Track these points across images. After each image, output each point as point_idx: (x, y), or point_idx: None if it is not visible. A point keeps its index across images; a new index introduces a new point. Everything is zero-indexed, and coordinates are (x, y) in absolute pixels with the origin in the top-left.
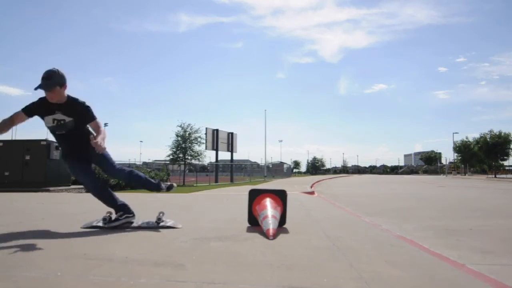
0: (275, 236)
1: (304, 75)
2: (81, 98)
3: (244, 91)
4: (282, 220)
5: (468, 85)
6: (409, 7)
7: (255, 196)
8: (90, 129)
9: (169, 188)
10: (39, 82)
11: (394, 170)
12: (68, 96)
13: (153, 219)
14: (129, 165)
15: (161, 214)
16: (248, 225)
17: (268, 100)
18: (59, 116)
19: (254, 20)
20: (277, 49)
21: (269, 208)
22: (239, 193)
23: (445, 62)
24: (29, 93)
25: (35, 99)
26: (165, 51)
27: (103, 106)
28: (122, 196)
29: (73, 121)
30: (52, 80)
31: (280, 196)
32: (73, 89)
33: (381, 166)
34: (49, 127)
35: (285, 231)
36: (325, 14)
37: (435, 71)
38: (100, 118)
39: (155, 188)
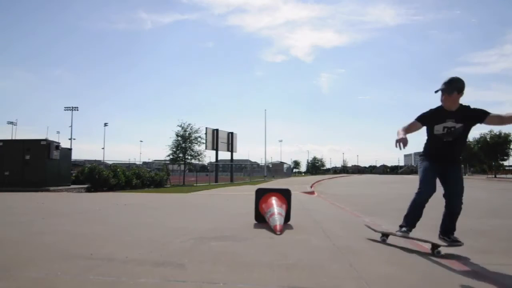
0: (282, 231)
1: (282, 73)
2: (71, 99)
3: (229, 90)
4: (287, 217)
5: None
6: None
7: (261, 195)
8: (496, 118)
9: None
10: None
11: (394, 170)
12: (461, 104)
13: (154, 217)
14: (129, 165)
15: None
16: (248, 224)
17: (257, 98)
18: (449, 123)
19: (218, 19)
20: (248, 49)
21: (275, 206)
22: (239, 193)
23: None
24: None
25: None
26: (132, 49)
27: (101, 107)
28: (123, 196)
29: (462, 127)
30: (452, 85)
31: (285, 195)
32: (60, 87)
33: (381, 166)
34: (437, 135)
35: (286, 230)
36: (290, 10)
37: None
38: (99, 118)
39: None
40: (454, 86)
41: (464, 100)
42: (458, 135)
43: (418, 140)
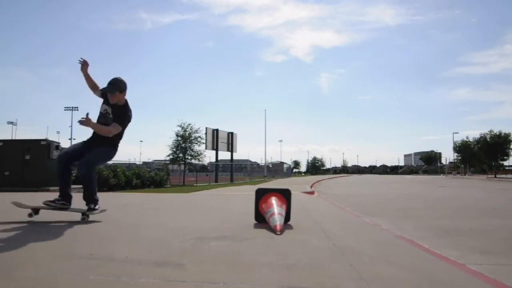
0: (282, 231)
1: (282, 73)
2: (71, 99)
3: (228, 90)
4: (287, 217)
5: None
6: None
7: (261, 195)
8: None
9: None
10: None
11: (394, 170)
12: (126, 101)
13: (154, 217)
14: (129, 165)
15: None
16: (248, 224)
17: (249, 97)
18: (107, 107)
19: (218, 19)
20: (248, 49)
21: (275, 206)
22: (239, 193)
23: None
24: None
25: None
26: (132, 49)
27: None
28: (123, 196)
29: (113, 118)
30: (114, 85)
31: (285, 195)
32: (60, 87)
33: (381, 166)
34: (101, 111)
35: (286, 230)
36: (290, 10)
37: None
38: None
39: (89, 201)
40: (115, 87)
41: (464, 99)
42: (111, 122)
43: (418, 140)
